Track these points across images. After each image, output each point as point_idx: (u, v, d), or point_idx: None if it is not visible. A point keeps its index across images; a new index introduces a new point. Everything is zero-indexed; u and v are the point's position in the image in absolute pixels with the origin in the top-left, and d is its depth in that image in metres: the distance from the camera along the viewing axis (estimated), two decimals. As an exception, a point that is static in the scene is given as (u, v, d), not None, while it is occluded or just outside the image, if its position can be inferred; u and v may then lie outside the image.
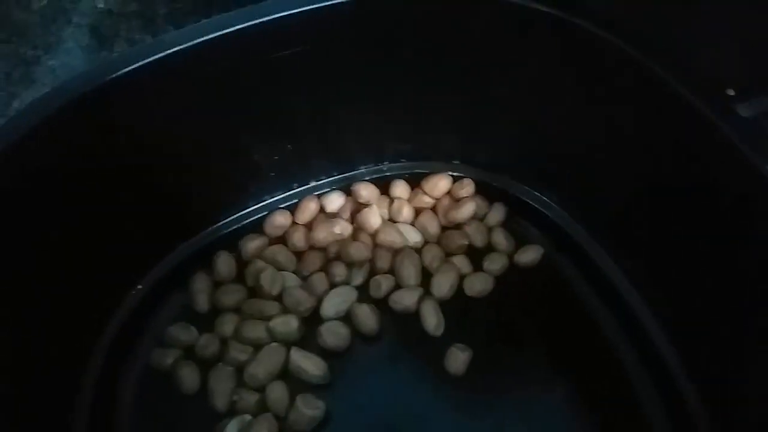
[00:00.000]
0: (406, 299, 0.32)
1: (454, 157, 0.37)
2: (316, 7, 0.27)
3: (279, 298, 0.33)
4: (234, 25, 0.26)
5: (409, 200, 0.36)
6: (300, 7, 0.27)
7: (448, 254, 0.35)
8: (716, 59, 0.28)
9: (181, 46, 0.26)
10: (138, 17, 0.45)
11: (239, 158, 0.34)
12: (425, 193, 0.36)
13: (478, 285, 0.33)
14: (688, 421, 0.29)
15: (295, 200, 0.36)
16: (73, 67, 0.43)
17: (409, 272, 0.33)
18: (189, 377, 0.31)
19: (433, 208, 0.36)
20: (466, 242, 0.34)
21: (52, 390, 0.29)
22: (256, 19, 0.27)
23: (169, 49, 0.26)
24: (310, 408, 0.29)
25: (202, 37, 0.26)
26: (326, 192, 0.36)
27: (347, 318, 0.33)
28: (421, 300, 0.33)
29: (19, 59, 0.44)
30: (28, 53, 0.44)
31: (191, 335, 0.32)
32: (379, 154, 0.37)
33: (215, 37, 0.26)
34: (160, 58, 0.26)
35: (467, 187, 0.36)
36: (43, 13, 0.46)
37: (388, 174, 0.37)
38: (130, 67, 0.26)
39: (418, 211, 0.36)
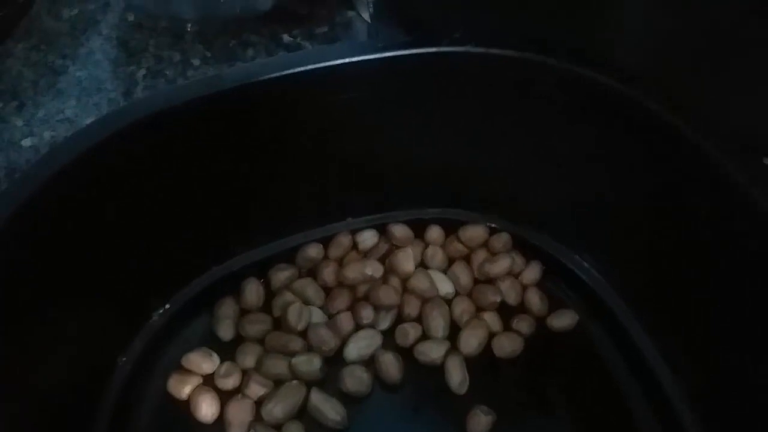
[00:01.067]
0: (432, 352, 0.32)
1: (493, 208, 0.36)
2: (374, 58, 0.27)
3: (303, 333, 0.33)
4: (297, 67, 0.26)
5: (443, 247, 0.36)
6: (360, 56, 0.27)
7: (479, 309, 0.34)
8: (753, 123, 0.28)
9: (242, 82, 0.26)
10: (167, 33, 0.45)
11: (279, 190, 0.34)
12: (460, 242, 0.36)
13: (507, 346, 0.32)
14: None
15: (330, 234, 0.36)
16: (100, 80, 0.43)
17: (438, 324, 0.33)
18: (207, 406, 0.30)
19: (467, 259, 0.36)
20: (499, 299, 0.34)
21: (72, 406, 0.29)
22: (317, 63, 0.26)
23: (231, 84, 0.26)
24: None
25: (266, 75, 0.26)
26: (361, 229, 0.36)
27: (370, 362, 0.32)
28: (447, 354, 0.32)
29: (47, 68, 0.44)
30: (57, 62, 0.44)
31: (212, 364, 0.32)
32: (418, 197, 0.36)
33: (276, 77, 0.26)
34: (218, 92, 0.25)
35: (504, 241, 0.35)
36: (74, 23, 0.47)
37: (424, 218, 0.36)
38: (190, 97, 0.26)
39: (451, 260, 0.36)
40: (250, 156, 0.31)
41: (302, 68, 0.26)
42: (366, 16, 0.40)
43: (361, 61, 0.27)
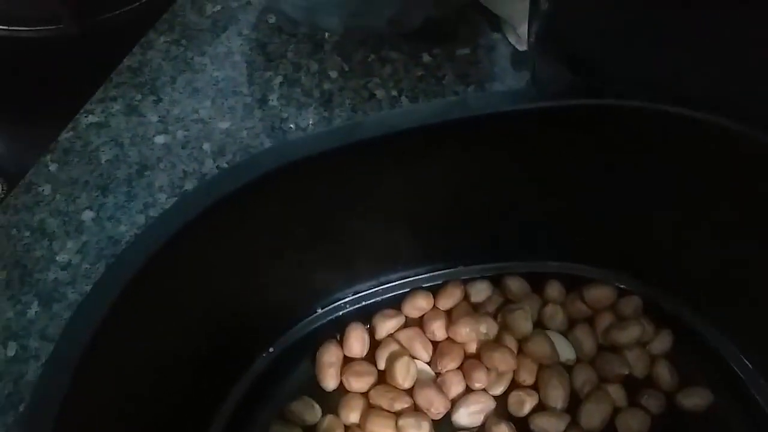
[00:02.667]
0: (551, 426, 0.29)
1: (623, 267, 0.33)
2: (532, 108, 0.25)
3: (410, 390, 0.31)
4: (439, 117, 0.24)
5: (564, 306, 0.33)
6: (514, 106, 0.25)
7: (603, 380, 0.31)
8: None
9: (384, 132, 0.24)
10: (307, 41, 0.44)
11: (388, 232, 0.32)
12: (584, 302, 0.33)
13: (633, 425, 0.29)
14: None
15: (439, 282, 0.34)
16: (236, 82, 0.42)
17: (558, 394, 0.30)
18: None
19: (591, 321, 0.33)
20: (626, 371, 0.31)
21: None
22: (464, 113, 0.24)
23: (368, 134, 0.24)
24: None
25: (419, 123, 0.24)
26: (473, 279, 0.34)
27: (481, 430, 0.30)
28: (567, 429, 0.29)
29: (186, 64, 0.43)
30: (196, 59, 0.44)
31: (314, 415, 0.30)
32: (537, 247, 0.34)
33: (421, 126, 0.24)
34: (360, 141, 0.24)
35: (635, 305, 0.32)
36: (215, 20, 0.46)
37: (543, 272, 0.34)
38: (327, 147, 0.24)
39: (572, 321, 0.33)
40: (367, 200, 0.29)
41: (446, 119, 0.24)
42: (512, 39, 0.37)
43: (516, 111, 0.25)
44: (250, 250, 0.29)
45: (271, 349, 0.32)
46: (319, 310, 0.33)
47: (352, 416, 0.30)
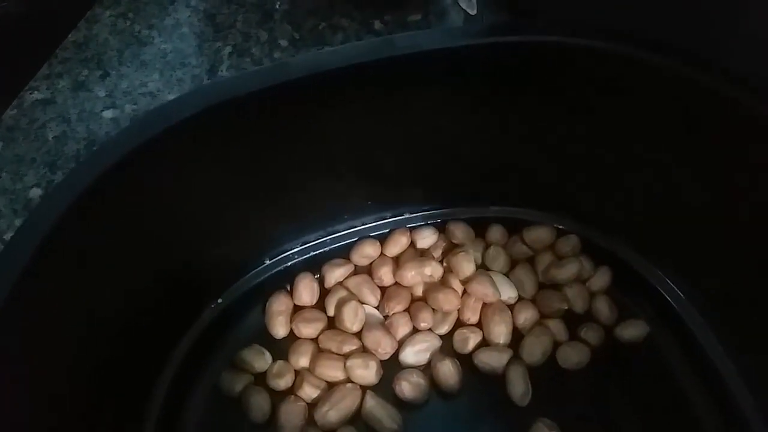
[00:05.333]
0: (493, 360, 0.30)
1: (561, 208, 0.34)
2: (455, 47, 0.25)
3: (359, 334, 0.31)
4: (372, 57, 0.25)
5: (506, 248, 0.34)
6: (441, 45, 0.25)
7: (543, 316, 0.32)
8: None
9: (309, 72, 0.24)
10: (256, 10, 0.44)
11: (334, 182, 0.32)
12: (524, 244, 0.34)
13: (573, 356, 0.30)
14: None
15: (386, 230, 0.34)
16: (185, 54, 0.42)
17: (500, 330, 0.31)
18: (259, 406, 0.30)
19: (532, 262, 0.34)
20: (565, 306, 0.32)
21: (122, 398, 0.28)
22: (393, 53, 0.25)
23: (295, 74, 0.24)
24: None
25: (346, 62, 0.24)
26: (419, 226, 0.35)
27: (427, 368, 0.31)
28: (509, 363, 0.30)
29: (133, 38, 0.43)
30: (143, 32, 0.43)
31: (264, 362, 0.31)
32: (480, 193, 0.35)
33: (348, 65, 0.24)
34: (285, 82, 0.24)
35: (573, 244, 0.33)
36: None
37: (486, 216, 0.35)
38: (256, 87, 0.24)
39: (514, 262, 0.34)
40: (304, 149, 0.30)
41: (377, 57, 0.24)
42: (464, 4, 0.38)
43: (444, 50, 0.25)
44: (193, 200, 0.29)
45: (219, 300, 0.32)
46: (268, 261, 0.33)
47: (302, 360, 0.31)
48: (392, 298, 0.32)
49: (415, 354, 0.31)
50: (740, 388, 0.30)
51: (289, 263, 0.34)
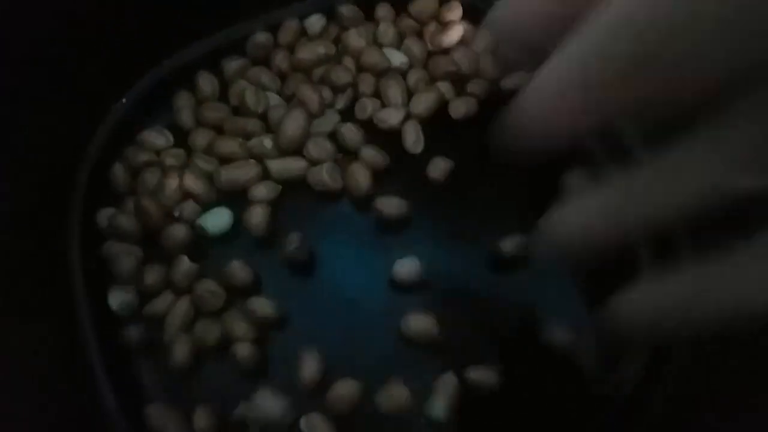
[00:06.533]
0: (391, 117, 0.33)
1: (442, -22, 0.36)
2: None
3: (264, 117, 0.33)
4: None
5: (395, 23, 0.35)
6: None
7: (434, 79, 0.34)
8: None
9: None
10: None
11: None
12: (411, 17, 0.35)
13: (461, 106, 0.33)
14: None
15: (276, 21, 0.35)
16: None
17: (395, 92, 0.33)
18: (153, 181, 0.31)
19: (419, 33, 0.35)
20: (454, 68, 0.34)
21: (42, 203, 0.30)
22: None
23: None
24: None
25: None
26: (308, 13, 0.35)
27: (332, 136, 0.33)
28: (405, 120, 0.33)
29: None
30: None
31: (166, 140, 0.32)
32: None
33: None
34: None
35: (455, 11, 0.35)
36: None
37: (372, -4, 0.36)
38: None
39: (403, 36, 0.35)
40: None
41: None
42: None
43: None
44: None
45: (123, 100, 0.33)
46: (164, 61, 0.34)
47: (200, 141, 0.32)
48: (291, 82, 0.34)
49: (316, 126, 0.33)
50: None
51: (186, 61, 0.34)
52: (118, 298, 0.29)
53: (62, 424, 0.25)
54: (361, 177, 0.31)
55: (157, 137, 0.32)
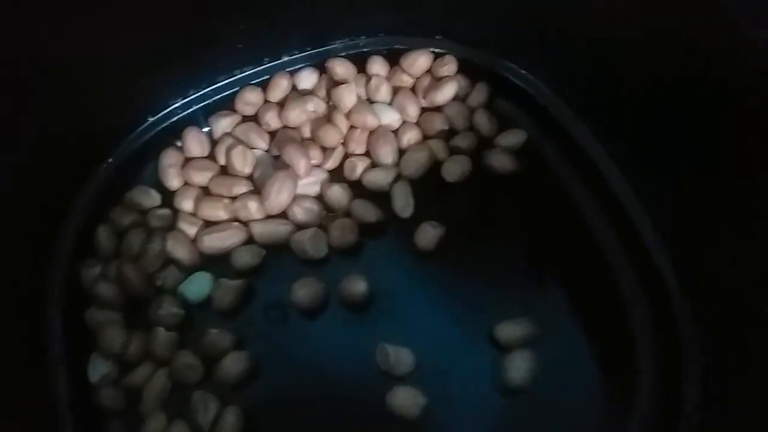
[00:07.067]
0: (379, 178, 0.32)
1: (435, 31, 0.35)
2: None
3: (250, 177, 0.32)
4: None
5: (388, 79, 0.34)
6: None
7: (427, 137, 0.33)
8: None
9: None
10: None
11: (207, 29, 0.32)
12: (404, 72, 0.34)
13: (456, 168, 0.32)
14: (666, 302, 0.29)
15: (267, 76, 0.35)
16: None
17: (386, 151, 0.32)
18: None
19: (413, 88, 0.34)
20: (446, 127, 0.33)
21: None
22: None
23: None
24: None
25: None
26: (299, 68, 0.35)
27: (320, 199, 0.32)
28: (395, 181, 0.32)
29: None
30: None
31: (151, 199, 0.32)
32: (356, 27, 0.35)
33: None
34: None
35: (449, 65, 0.34)
36: None
37: (365, 50, 0.35)
38: None
39: (396, 91, 0.34)
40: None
41: None
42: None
43: None
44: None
45: (110, 160, 0.33)
46: (150, 119, 0.34)
47: (186, 204, 0.32)
48: (280, 140, 0.33)
49: (303, 188, 0.32)
50: (615, 176, 0.31)
51: (174, 118, 0.34)
52: (98, 370, 0.28)
53: None
54: (348, 232, 0.30)
55: (143, 197, 0.32)
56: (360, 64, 0.35)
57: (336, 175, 0.33)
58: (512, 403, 0.27)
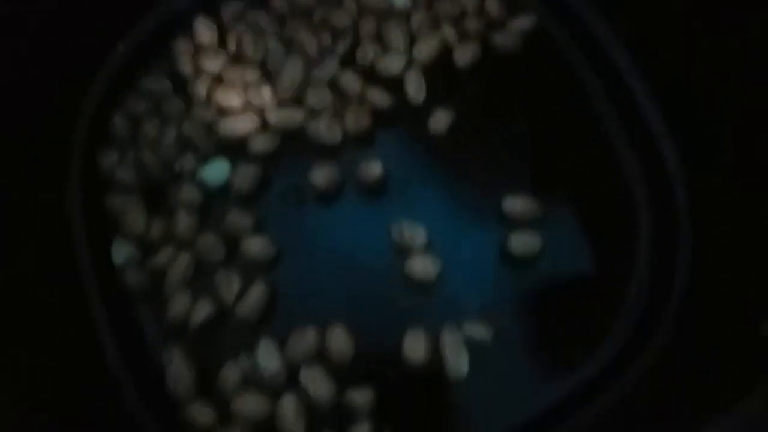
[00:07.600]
0: (392, 65, 0.31)
1: None
2: None
3: (263, 64, 0.32)
4: None
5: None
6: None
7: (437, 21, 0.33)
8: None
9: None
10: None
11: None
12: (415, -46, 0.34)
13: (467, 55, 0.32)
14: (666, 184, 0.30)
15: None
16: None
17: (397, 35, 0.32)
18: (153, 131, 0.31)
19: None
20: (458, 11, 0.33)
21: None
22: None
23: None
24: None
25: None
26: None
27: (332, 84, 0.32)
28: (407, 67, 0.32)
29: None
30: None
31: (164, 87, 0.32)
32: None
33: None
34: None
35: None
36: None
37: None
38: None
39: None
40: None
41: None
42: None
43: None
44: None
45: (121, 48, 0.33)
46: (160, 6, 0.33)
47: (199, 90, 0.31)
48: (290, 26, 0.32)
49: (316, 74, 0.32)
50: (636, 81, 0.32)
51: (184, 4, 0.33)
52: (122, 253, 0.29)
53: (64, 376, 0.26)
54: (362, 117, 0.30)
55: (156, 84, 0.32)
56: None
57: (348, 62, 0.32)
58: (518, 272, 0.29)
